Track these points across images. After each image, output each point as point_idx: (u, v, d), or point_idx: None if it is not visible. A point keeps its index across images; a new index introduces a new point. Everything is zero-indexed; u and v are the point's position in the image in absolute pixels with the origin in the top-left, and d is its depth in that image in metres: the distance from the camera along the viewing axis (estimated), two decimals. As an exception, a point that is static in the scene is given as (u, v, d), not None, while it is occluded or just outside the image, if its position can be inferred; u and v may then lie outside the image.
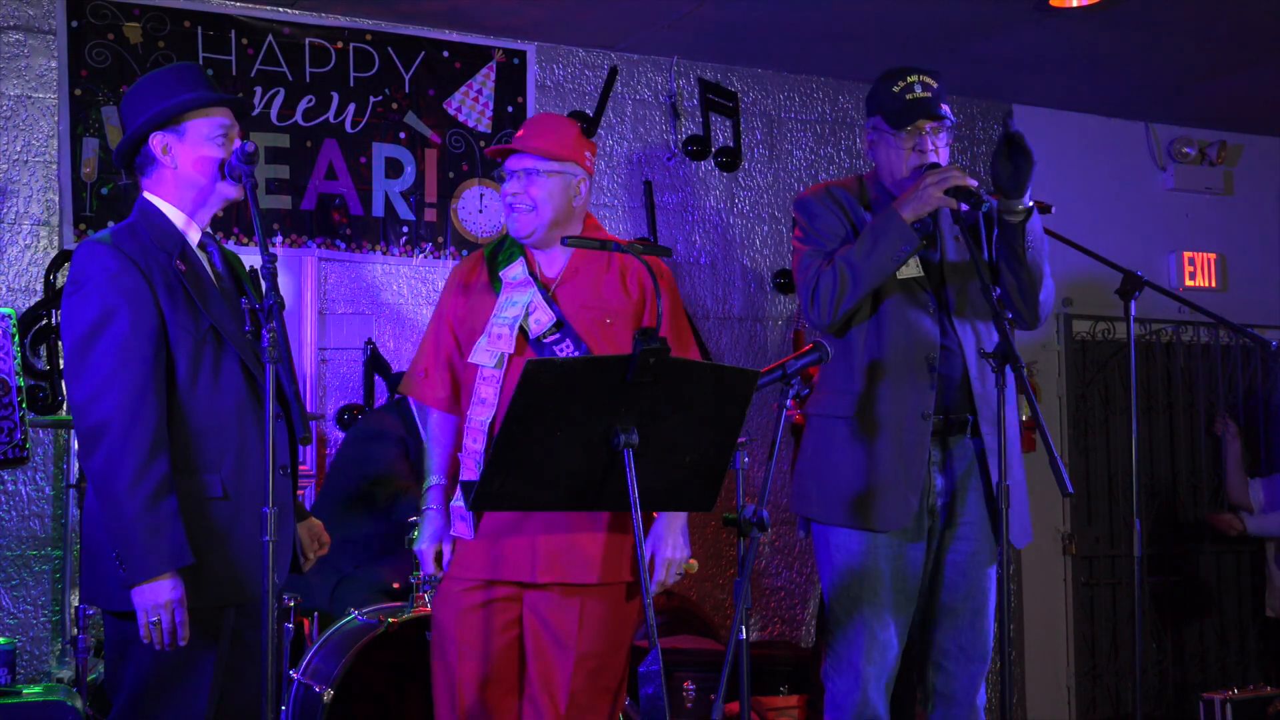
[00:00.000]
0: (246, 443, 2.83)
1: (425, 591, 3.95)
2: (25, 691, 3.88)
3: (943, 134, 3.36)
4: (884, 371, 3.28)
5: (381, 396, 5.02)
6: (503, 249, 3.31)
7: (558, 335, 3.17)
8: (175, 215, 2.89)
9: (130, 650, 2.76)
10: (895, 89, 3.33)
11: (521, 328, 3.16)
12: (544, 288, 3.21)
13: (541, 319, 3.17)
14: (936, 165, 3.29)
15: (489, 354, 3.16)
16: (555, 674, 3.13)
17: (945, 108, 3.36)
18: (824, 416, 3.36)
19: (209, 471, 2.79)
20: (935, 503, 3.31)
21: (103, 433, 2.68)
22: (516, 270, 3.24)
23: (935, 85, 3.35)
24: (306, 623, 4.28)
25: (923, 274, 3.32)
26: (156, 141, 2.87)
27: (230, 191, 2.90)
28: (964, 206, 3.24)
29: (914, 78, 3.34)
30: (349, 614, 3.99)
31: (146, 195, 2.92)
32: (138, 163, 2.92)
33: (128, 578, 2.66)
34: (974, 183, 3.21)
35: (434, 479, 3.25)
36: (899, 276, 3.29)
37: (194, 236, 2.91)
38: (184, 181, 2.88)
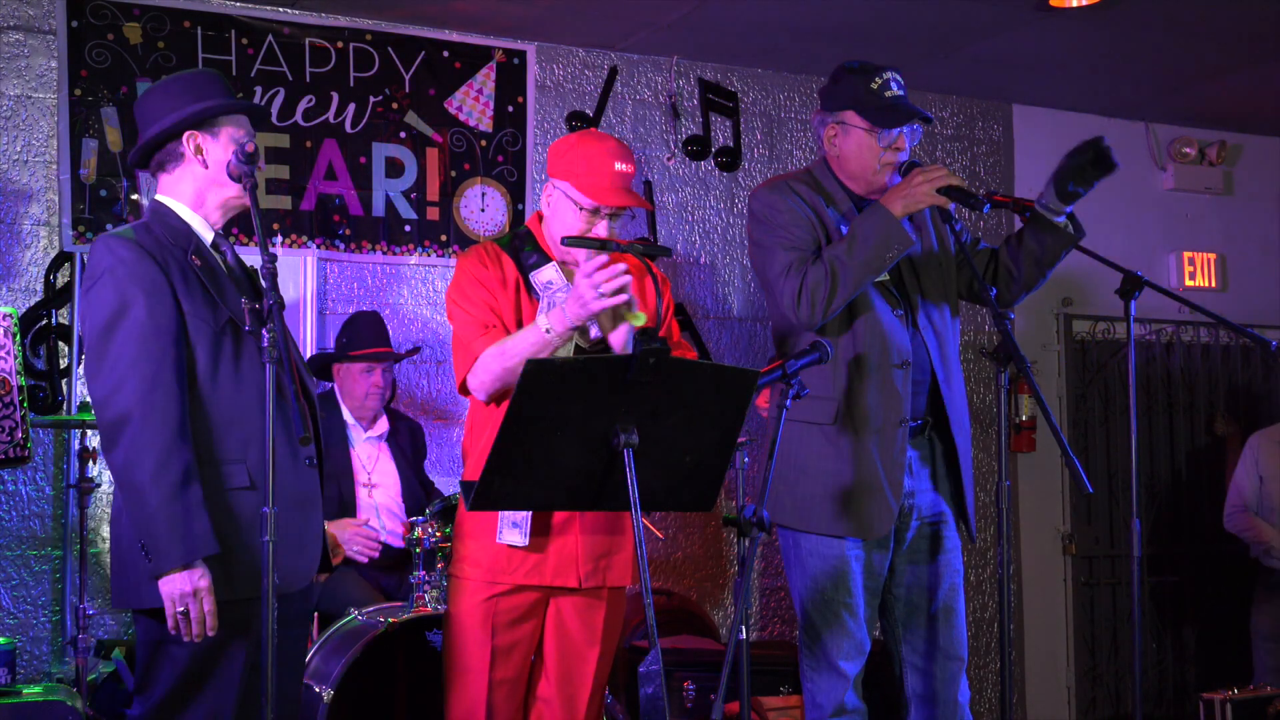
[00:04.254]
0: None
1: (424, 592, 3.95)
2: (25, 691, 3.88)
3: (917, 134, 3.36)
4: (862, 377, 3.27)
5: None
6: (523, 247, 3.23)
7: (603, 348, 3.14)
8: (190, 216, 2.91)
9: (165, 650, 2.75)
10: (873, 85, 3.30)
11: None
12: None
13: (589, 330, 3.13)
14: (917, 163, 3.28)
15: None
16: (580, 671, 3.19)
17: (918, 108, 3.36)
18: (795, 422, 3.29)
19: (233, 462, 2.78)
20: (905, 504, 3.32)
21: (124, 425, 2.67)
22: (549, 274, 3.18)
23: (904, 83, 3.35)
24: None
25: (888, 277, 3.32)
26: (190, 140, 2.88)
27: (247, 198, 2.92)
28: (953, 206, 3.24)
29: (888, 75, 3.32)
30: (349, 614, 3.99)
31: (160, 197, 2.93)
32: (159, 160, 2.92)
33: (154, 567, 2.65)
34: (965, 182, 3.21)
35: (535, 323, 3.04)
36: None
37: (208, 237, 2.92)
38: (210, 181, 2.90)
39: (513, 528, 3.10)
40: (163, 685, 2.77)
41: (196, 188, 2.91)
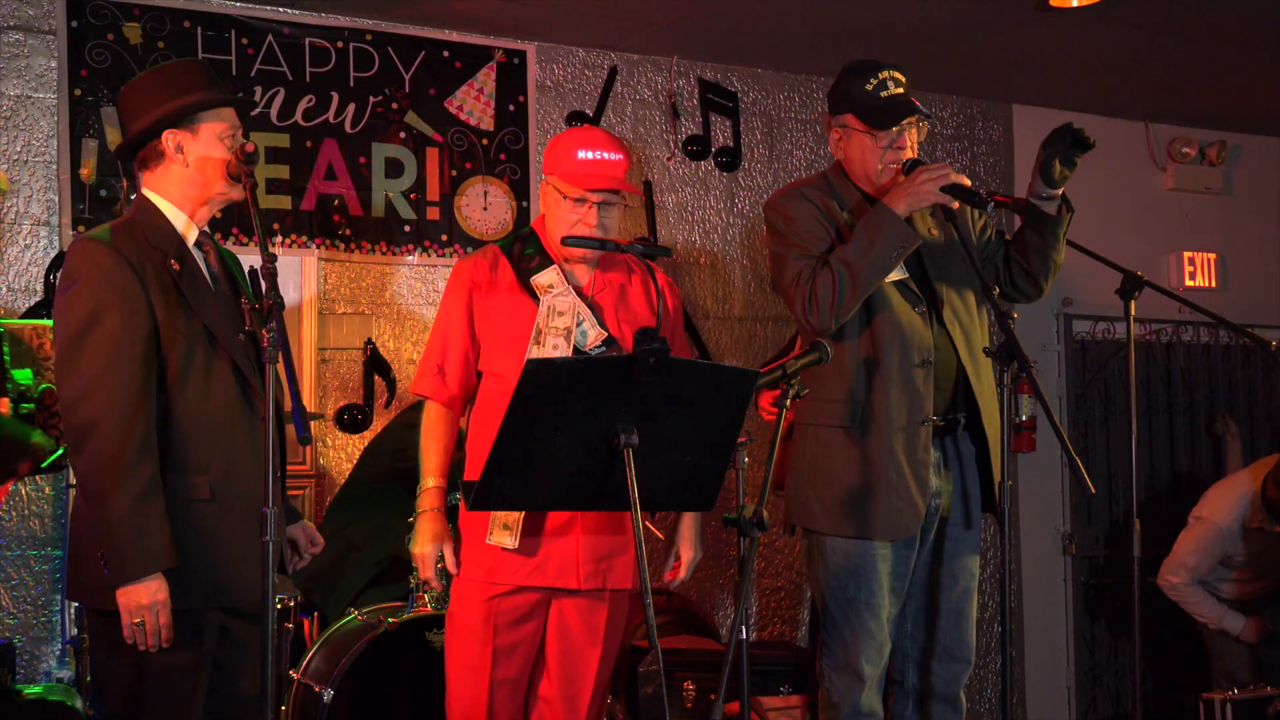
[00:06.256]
0: (236, 445, 2.82)
1: (425, 592, 3.95)
2: (25, 691, 3.88)
3: (914, 130, 3.33)
4: (878, 377, 3.24)
5: (381, 397, 5.02)
6: (524, 250, 3.25)
7: (605, 350, 3.15)
8: (174, 214, 2.89)
9: (117, 650, 2.75)
10: (869, 86, 3.28)
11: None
12: (583, 297, 3.20)
13: (590, 332, 3.15)
14: (920, 161, 3.27)
15: None
16: (581, 671, 3.20)
17: (917, 103, 3.32)
18: (819, 426, 3.30)
19: (196, 473, 2.78)
20: (930, 504, 3.30)
21: (91, 432, 2.67)
22: (550, 277, 3.19)
23: (904, 79, 3.31)
24: (307, 623, 4.28)
25: (907, 275, 3.30)
26: (169, 138, 2.86)
27: (234, 192, 2.90)
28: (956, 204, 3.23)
29: (885, 74, 3.29)
30: (349, 614, 3.99)
31: (146, 192, 2.90)
32: (142, 157, 2.90)
33: (113, 578, 2.66)
34: (968, 180, 3.20)
35: (433, 480, 3.19)
36: (886, 280, 3.27)
37: (191, 236, 2.90)
38: (192, 180, 2.88)
39: (503, 529, 3.11)
40: (115, 688, 2.78)
41: (179, 185, 2.89)
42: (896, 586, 3.29)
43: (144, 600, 2.66)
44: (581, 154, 3.16)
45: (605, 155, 3.17)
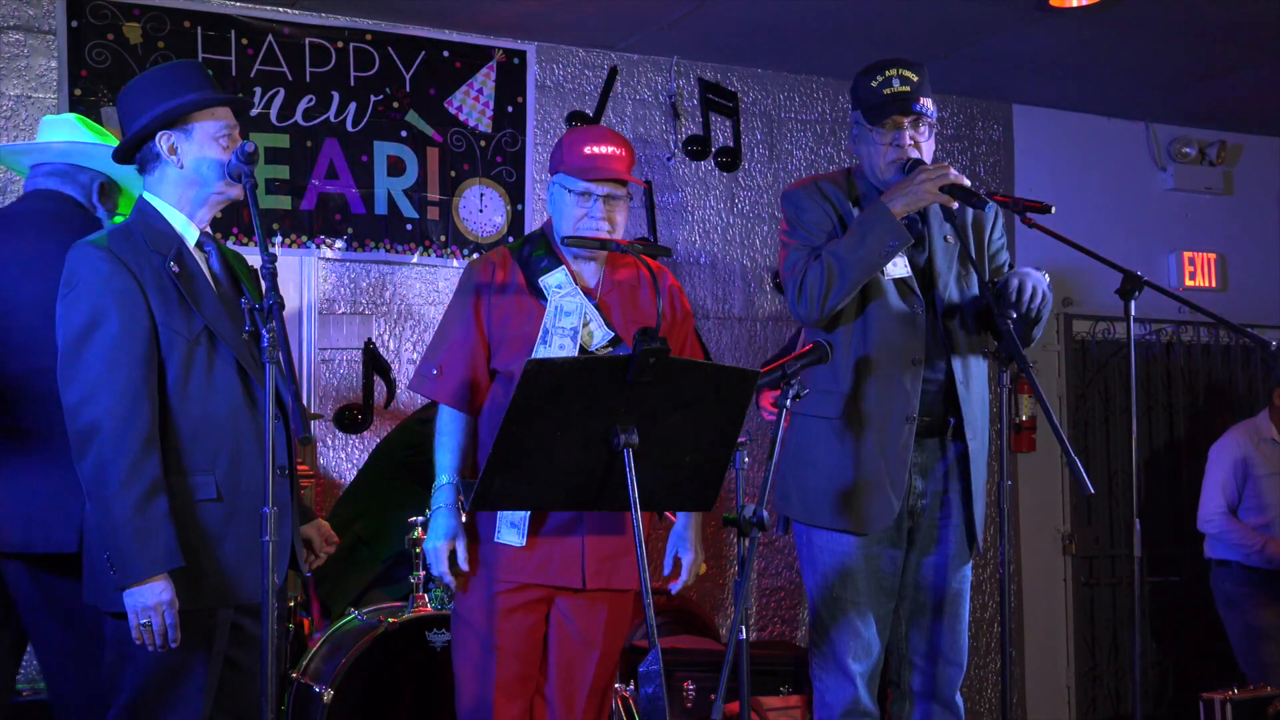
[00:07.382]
0: (241, 444, 2.83)
1: (425, 591, 3.95)
2: (25, 691, 3.88)
3: (923, 128, 3.32)
4: (869, 373, 3.25)
5: (381, 397, 5.02)
6: (533, 252, 3.27)
7: (611, 350, 3.17)
8: (174, 216, 2.90)
9: (128, 652, 2.77)
10: (873, 83, 3.30)
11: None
12: (590, 298, 3.21)
13: (596, 332, 3.17)
14: (921, 161, 3.27)
15: None
16: (579, 671, 3.21)
17: (924, 102, 3.30)
18: (806, 416, 3.32)
19: (201, 473, 2.80)
20: (916, 504, 3.31)
21: (94, 434, 2.69)
22: (558, 278, 3.21)
23: (915, 79, 3.30)
24: (306, 623, 4.28)
25: (910, 274, 3.31)
26: (163, 140, 2.87)
27: (233, 191, 2.91)
28: (957, 205, 3.23)
29: (892, 71, 3.30)
30: (349, 614, 3.99)
31: (145, 196, 2.92)
32: (139, 159, 2.92)
33: (118, 580, 2.68)
34: (968, 181, 3.20)
35: (445, 478, 3.18)
36: (888, 277, 3.27)
37: (192, 237, 2.91)
38: (188, 181, 2.89)
39: (510, 528, 3.12)
40: (128, 689, 2.80)
41: (175, 187, 2.90)
42: (886, 586, 3.30)
43: (149, 601, 2.67)
44: (587, 149, 3.19)
45: (610, 150, 3.20)
